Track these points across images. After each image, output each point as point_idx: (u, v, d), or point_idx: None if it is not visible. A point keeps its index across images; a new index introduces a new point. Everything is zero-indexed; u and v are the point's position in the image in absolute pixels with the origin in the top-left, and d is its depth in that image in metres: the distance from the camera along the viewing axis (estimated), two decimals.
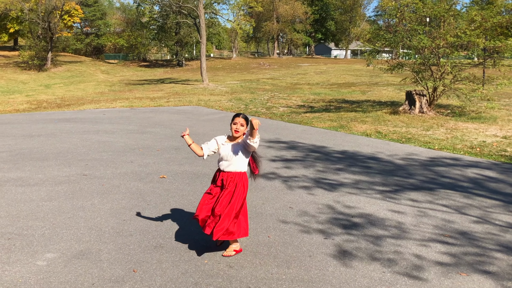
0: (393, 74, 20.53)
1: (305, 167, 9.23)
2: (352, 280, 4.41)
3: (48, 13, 54.72)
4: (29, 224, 5.89)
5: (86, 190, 7.52)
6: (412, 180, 8.26)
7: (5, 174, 8.55)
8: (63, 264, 4.72)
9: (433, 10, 17.32)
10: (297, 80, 41.10)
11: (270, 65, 62.25)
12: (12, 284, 4.29)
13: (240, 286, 4.29)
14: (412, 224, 5.95)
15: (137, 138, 12.79)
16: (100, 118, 17.51)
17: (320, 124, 15.57)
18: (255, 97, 26.59)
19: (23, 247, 5.14)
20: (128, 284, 4.32)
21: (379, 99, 23.98)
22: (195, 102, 24.52)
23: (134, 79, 49.35)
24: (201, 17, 39.61)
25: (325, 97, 26.24)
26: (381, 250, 5.11)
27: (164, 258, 4.88)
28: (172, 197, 7.13)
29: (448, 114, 17.49)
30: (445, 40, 16.99)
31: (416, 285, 4.33)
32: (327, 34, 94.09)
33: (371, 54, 19.82)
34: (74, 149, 11.06)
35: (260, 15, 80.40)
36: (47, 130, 14.33)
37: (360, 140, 12.45)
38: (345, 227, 5.82)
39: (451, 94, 18.30)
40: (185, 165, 9.38)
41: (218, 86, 36.59)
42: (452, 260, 4.88)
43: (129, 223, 5.94)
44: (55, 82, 44.59)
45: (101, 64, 64.77)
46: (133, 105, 23.38)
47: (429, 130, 13.97)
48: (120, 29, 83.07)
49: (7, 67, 52.80)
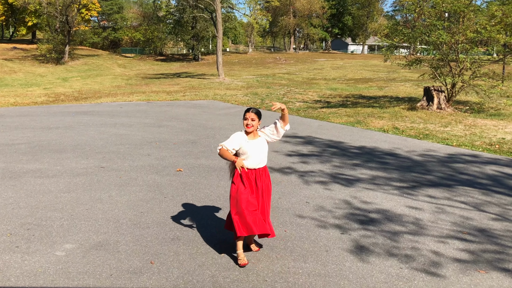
0: (410, 69, 20.36)
1: (321, 162, 9.20)
2: (369, 276, 4.39)
3: (66, 7, 55.06)
4: (48, 215, 5.96)
5: (104, 182, 7.58)
6: (430, 176, 8.19)
7: (24, 166, 8.65)
8: (81, 254, 4.77)
9: (452, 5, 17.10)
10: (313, 75, 40.95)
11: (286, 60, 62.08)
12: (32, 274, 4.35)
13: (256, 280, 4.29)
14: (430, 220, 5.90)
15: (154, 131, 12.85)
16: (117, 111, 17.62)
17: (336, 119, 15.50)
18: (271, 91, 26.55)
19: (42, 238, 5.20)
20: (145, 275, 4.34)
21: (397, 95, 23.79)
22: (211, 96, 24.56)
23: (150, 73, 49.55)
24: (218, 11, 39.58)
25: (342, 92, 26.11)
26: (398, 246, 5.08)
27: (181, 250, 4.91)
28: (189, 190, 7.16)
29: (466, 110, 17.30)
30: (465, 35, 16.78)
31: (434, 281, 4.30)
32: (344, 29, 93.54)
33: (389, 50, 19.64)
34: (92, 142, 11.15)
35: (276, 10, 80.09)
36: (65, 122, 14.47)
37: (377, 136, 12.38)
38: (362, 223, 5.79)
39: (470, 91, 18.11)
40: (201, 158, 9.41)
41: (234, 80, 36.60)
42: (471, 257, 4.83)
43: (146, 215, 5.98)
44: (72, 75, 44.96)
45: (118, 58, 65.11)
46: (150, 98, 23.49)
47: (447, 126, 13.83)
48: (137, 23, 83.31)
49: (25, 60, 53.33)
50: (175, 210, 6.20)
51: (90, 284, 4.16)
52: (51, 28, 58.66)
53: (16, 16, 65.28)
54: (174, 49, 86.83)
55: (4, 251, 4.83)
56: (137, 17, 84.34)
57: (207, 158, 9.38)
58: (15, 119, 15.31)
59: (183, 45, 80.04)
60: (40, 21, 60.63)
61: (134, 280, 4.24)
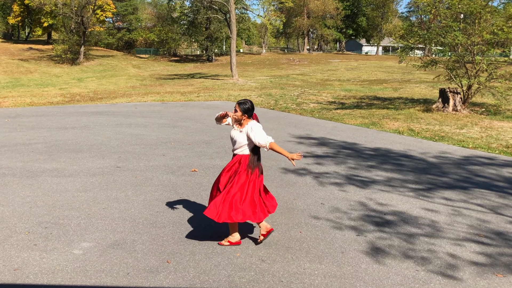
0: (426, 71, 20.22)
1: (336, 164, 9.18)
2: (385, 278, 4.38)
3: (81, 8, 55.55)
4: (65, 213, 6.02)
5: (120, 182, 7.64)
6: (445, 178, 8.14)
7: (41, 165, 8.75)
8: (98, 253, 4.82)
9: (469, 7, 16.96)
10: (327, 76, 40.86)
11: (300, 61, 62.00)
12: (50, 271, 4.40)
13: (272, 280, 4.30)
14: (446, 223, 5.87)
15: (169, 131, 12.92)
16: (132, 112, 17.74)
17: (351, 120, 15.45)
18: (285, 92, 26.53)
19: (59, 236, 5.26)
20: (162, 274, 4.38)
21: (412, 96, 23.65)
22: (225, 97, 24.61)
23: (164, 73, 49.79)
24: (232, 12, 39.66)
25: (356, 93, 26.01)
26: (414, 248, 5.06)
27: (197, 250, 4.93)
28: (204, 190, 7.19)
29: (482, 112, 17.16)
30: (481, 37, 16.64)
31: (450, 284, 4.27)
32: (358, 30, 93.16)
33: (404, 51, 19.53)
34: (107, 142, 11.23)
35: (290, 11, 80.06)
36: (81, 122, 14.60)
37: (392, 138, 12.32)
38: (377, 225, 5.77)
39: (486, 92, 17.94)
40: (216, 159, 9.44)
41: (247, 81, 36.63)
42: (488, 260, 4.80)
43: (162, 214, 6.02)
44: (87, 76, 45.32)
45: (132, 59, 65.50)
46: (164, 99, 23.60)
47: (463, 128, 13.73)
48: (151, 24, 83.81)
49: (41, 61, 53.87)
50: (191, 210, 6.24)
51: (108, 283, 4.20)
52: (67, 28, 59.18)
53: (32, 17, 65.95)
54: (188, 50, 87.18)
55: (23, 249, 4.89)
56: (151, 18, 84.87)
57: (221, 159, 9.41)
58: (32, 119, 15.48)
59: (197, 46, 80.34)
60: (56, 22, 61.22)
61: (150, 279, 4.28)
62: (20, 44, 65.44)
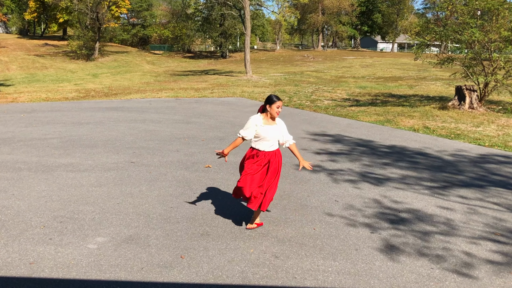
0: (441, 68, 20.00)
1: (350, 161, 9.13)
2: (399, 275, 4.35)
3: (96, 4, 55.92)
4: (80, 208, 6.06)
5: (134, 177, 7.67)
6: (461, 176, 8.06)
7: (56, 160, 8.82)
8: (113, 248, 4.84)
9: (486, 3, 16.74)
10: (342, 73, 40.67)
11: (314, 58, 61.78)
12: (65, 265, 4.43)
13: (286, 276, 4.29)
14: (462, 221, 5.81)
15: (183, 127, 12.95)
16: (147, 108, 17.81)
17: (366, 118, 15.36)
18: (299, 89, 26.46)
19: (74, 230, 5.30)
20: (176, 269, 4.39)
21: (427, 94, 23.45)
22: (239, 93, 24.61)
23: (178, 70, 49.94)
24: (246, 9, 39.61)
25: (371, 90, 25.86)
26: (429, 246, 5.01)
27: (211, 245, 4.94)
28: (218, 186, 7.20)
29: (499, 110, 16.95)
30: (499, 34, 16.42)
31: (466, 282, 4.23)
32: (374, 26, 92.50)
33: (420, 48, 19.34)
34: (122, 137, 11.29)
35: (305, 7, 79.70)
36: (96, 118, 14.69)
37: (408, 135, 12.22)
38: (392, 222, 5.73)
39: (503, 90, 17.72)
40: (229, 155, 9.41)
41: (261, 78, 36.59)
42: (504, 259, 4.74)
43: (176, 210, 6.03)
44: (102, 72, 45.63)
45: (147, 55, 65.80)
46: (178, 95, 23.66)
47: (479, 126, 13.57)
48: (166, 20, 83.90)
49: (56, 56, 54.34)
50: (204, 205, 6.24)
51: (122, 277, 4.22)
52: (82, 24, 59.65)
53: (47, 13, 66.52)
54: (202, 47, 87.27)
55: (38, 243, 4.93)
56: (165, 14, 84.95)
57: (235, 155, 9.39)
58: (47, 114, 15.62)
59: (211, 43, 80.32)
60: (71, 18, 61.66)
61: (164, 274, 4.29)
62: (36, 40, 66.06)
